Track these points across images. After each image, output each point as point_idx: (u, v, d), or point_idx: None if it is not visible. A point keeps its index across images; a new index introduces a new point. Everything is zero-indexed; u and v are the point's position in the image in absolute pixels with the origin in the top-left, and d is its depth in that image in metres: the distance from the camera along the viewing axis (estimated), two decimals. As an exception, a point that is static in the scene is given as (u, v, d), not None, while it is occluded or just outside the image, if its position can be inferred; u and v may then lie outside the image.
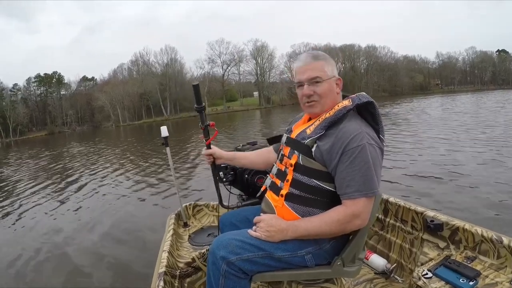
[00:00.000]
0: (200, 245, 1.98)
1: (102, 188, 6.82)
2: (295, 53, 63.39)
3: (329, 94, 1.20)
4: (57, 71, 68.95)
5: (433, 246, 1.58)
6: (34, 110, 65.76)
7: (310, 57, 1.22)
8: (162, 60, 63.30)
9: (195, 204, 2.48)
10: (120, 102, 58.67)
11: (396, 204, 1.78)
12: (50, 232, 4.40)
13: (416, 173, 5.16)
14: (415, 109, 21.39)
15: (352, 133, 1.09)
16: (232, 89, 67.08)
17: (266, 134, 12.75)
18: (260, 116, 33.36)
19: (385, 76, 65.43)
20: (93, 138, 29.17)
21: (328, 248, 1.20)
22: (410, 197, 3.94)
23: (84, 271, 3.14)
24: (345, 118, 1.15)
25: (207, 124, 1.58)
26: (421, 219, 1.65)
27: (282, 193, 1.21)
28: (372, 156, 1.09)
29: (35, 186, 7.94)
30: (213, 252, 1.17)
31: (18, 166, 13.83)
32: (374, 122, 1.18)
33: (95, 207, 5.38)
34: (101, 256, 3.43)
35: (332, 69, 1.22)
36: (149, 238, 3.62)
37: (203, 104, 1.56)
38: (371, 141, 1.11)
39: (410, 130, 10.57)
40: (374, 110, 1.17)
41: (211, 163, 1.60)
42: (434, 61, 74.27)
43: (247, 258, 1.15)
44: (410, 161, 6.10)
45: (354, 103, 1.16)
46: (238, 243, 1.16)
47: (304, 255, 1.18)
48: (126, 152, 13.63)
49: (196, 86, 1.55)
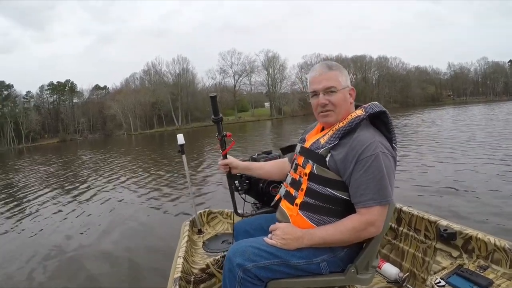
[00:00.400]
0: (214, 252, 1.99)
1: (117, 195, 6.87)
2: (306, 64, 63.50)
3: (343, 104, 1.22)
4: (70, 80, 69.96)
5: (446, 255, 1.59)
6: (47, 118, 66.56)
7: (325, 67, 1.24)
8: (174, 70, 63.79)
9: (210, 211, 2.50)
10: (132, 111, 59.14)
11: (410, 213, 1.79)
12: (64, 238, 4.43)
13: (427, 183, 5.13)
14: (426, 120, 21.24)
15: (366, 142, 1.11)
16: (244, 99, 67.16)
17: (278, 144, 12.73)
18: (272, 126, 33.29)
19: (397, 87, 65.07)
20: (105, 146, 29.42)
21: (343, 256, 1.21)
22: (422, 206, 3.86)
23: (99, 277, 3.17)
24: (358, 127, 1.17)
25: (224, 135, 1.61)
26: (434, 228, 1.65)
27: (296, 202, 1.23)
28: (385, 165, 1.11)
29: (48, 193, 8.03)
30: (230, 259, 1.19)
31: (31, 172, 13.96)
32: (387, 131, 1.19)
33: (110, 214, 5.42)
34: (117, 261, 3.47)
35: (346, 79, 1.24)
36: (164, 245, 3.63)
37: (220, 115, 1.60)
38: (384, 150, 1.13)
39: (422, 141, 10.50)
40: (386, 119, 1.19)
41: (227, 172, 1.64)
42: (446, 72, 73.93)
43: (263, 265, 1.17)
44: (422, 171, 6.07)
45: (367, 112, 1.18)
46: (255, 250, 1.19)
47: (319, 262, 1.19)
48: (139, 160, 13.76)
49: (213, 98, 1.58)
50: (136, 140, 36.70)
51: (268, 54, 63.13)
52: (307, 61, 63.84)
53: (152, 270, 3.10)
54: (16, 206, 6.90)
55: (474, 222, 3.37)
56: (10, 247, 4.37)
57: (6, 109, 63.97)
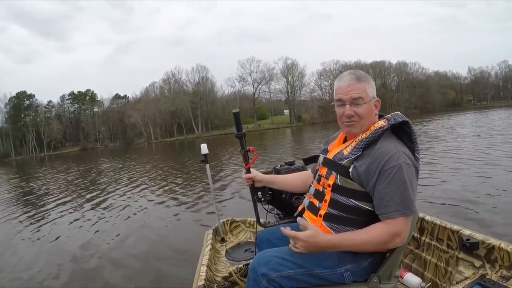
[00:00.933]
0: (237, 260, 1.99)
1: (139, 203, 6.84)
2: (325, 70, 63.49)
3: (368, 116, 1.22)
4: (90, 89, 71.02)
5: (468, 265, 1.56)
6: (68, 126, 67.65)
7: (354, 78, 1.22)
8: (194, 79, 64.24)
9: (233, 220, 2.50)
10: (152, 119, 59.68)
11: (432, 222, 1.77)
12: (84, 244, 4.45)
13: (450, 191, 4.96)
14: (445, 126, 20.74)
15: (389, 153, 1.12)
16: (263, 107, 67.29)
17: (299, 153, 12.61)
18: (291, 134, 33.06)
19: (417, 92, 64.39)
20: (126, 154, 29.63)
21: (366, 265, 1.20)
22: (444, 216, 3.76)
23: (121, 284, 3.18)
24: (381, 138, 1.17)
25: (247, 150, 1.64)
26: (456, 237, 1.63)
27: (320, 213, 1.24)
28: (408, 175, 1.11)
29: (69, 200, 8.08)
30: (254, 269, 1.20)
31: (52, 179, 14.17)
32: (409, 141, 1.19)
33: (132, 221, 5.40)
34: (139, 268, 3.49)
35: (372, 91, 1.24)
36: (187, 253, 3.66)
37: (243, 131, 1.62)
38: (407, 160, 1.13)
39: (441, 148, 10.18)
40: (409, 129, 1.19)
41: (250, 185, 1.66)
42: (466, 76, 72.89)
43: (287, 275, 1.18)
44: (444, 179, 5.86)
45: (390, 123, 1.18)
46: (279, 260, 1.20)
47: (343, 272, 1.19)
48: (160, 169, 13.73)
49: (236, 114, 1.59)
50: (156, 148, 36.97)
51: (286, 62, 63.29)
52: (325, 68, 63.95)
53: (175, 278, 3.11)
54: (37, 214, 6.95)
55: (497, 232, 3.24)
56: (31, 252, 4.43)
57: (28, 118, 65.22)
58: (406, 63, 66.80)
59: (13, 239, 5.21)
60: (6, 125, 64.29)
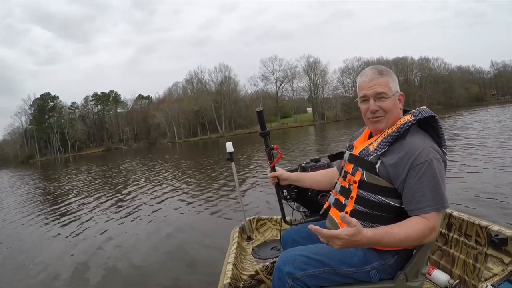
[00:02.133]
0: (264, 258, 1.98)
1: (166, 201, 6.82)
2: (347, 68, 63.14)
3: (394, 110, 1.20)
4: (114, 90, 72.10)
5: (497, 261, 1.52)
6: (92, 127, 68.61)
7: (376, 72, 1.21)
8: (217, 78, 64.64)
9: (259, 218, 2.47)
10: (176, 119, 60.12)
11: (460, 218, 1.72)
12: (110, 243, 4.47)
13: (474, 187, 4.83)
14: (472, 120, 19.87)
15: (418, 148, 1.10)
16: (286, 105, 67.31)
17: (324, 151, 12.51)
18: (315, 132, 32.62)
19: (440, 88, 63.73)
20: (150, 154, 29.87)
21: (392, 263, 1.18)
22: (470, 211, 3.63)
23: (150, 282, 3.15)
24: (408, 133, 1.15)
25: (271, 148, 1.65)
26: (485, 233, 1.58)
27: (346, 210, 1.22)
28: (439, 170, 1.09)
29: (99, 199, 8.15)
30: (279, 268, 1.20)
31: (79, 179, 14.36)
32: (437, 136, 1.17)
33: (158, 220, 5.40)
34: (165, 266, 3.49)
35: (395, 85, 1.22)
36: (213, 251, 3.63)
37: (267, 129, 1.63)
38: (437, 155, 1.11)
39: (465, 143, 9.70)
40: (436, 124, 1.17)
41: (276, 183, 1.67)
42: (489, 70, 71.83)
43: (313, 274, 1.16)
44: (472, 174, 5.70)
45: (416, 118, 1.15)
46: (304, 259, 1.18)
47: (369, 270, 1.17)
48: (186, 167, 13.69)
49: (260, 113, 1.60)
50: (180, 148, 37.14)
51: (309, 60, 63.18)
52: (348, 65, 63.59)
53: (202, 276, 3.09)
54: (67, 213, 6.96)
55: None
56: (56, 249, 4.48)
57: (52, 119, 66.29)
58: (428, 58, 66.18)
59: (42, 236, 5.29)
60: (31, 127, 65.41)
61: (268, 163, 1.69)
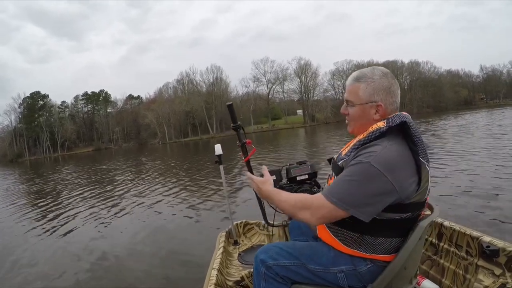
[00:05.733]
0: (250, 264, 1.92)
1: (152, 203, 6.76)
2: (338, 70, 63.39)
3: (360, 119, 1.18)
4: (104, 89, 71.75)
5: (488, 273, 1.50)
6: (81, 127, 68.13)
7: (352, 78, 1.20)
8: (208, 79, 64.52)
9: (246, 223, 2.44)
10: (166, 119, 59.92)
11: (451, 228, 1.70)
12: (93, 245, 4.38)
13: (463, 193, 4.66)
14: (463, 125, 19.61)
15: (367, 151, 1.07)
16: (277, 107, 67.41)
17: (312, 154, 12.43)
18: (305, 134, 32.68)
19: (429, 91, 64.24)
20: (140, 154, 29.56)
21: (364, 272, 1.15)
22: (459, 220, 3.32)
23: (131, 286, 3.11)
24: (377, 139, 1.10)
25: (244, 142, 1.67)
26: (476, 244, 1.56)
27: None
28: (366, 177, 1.04)
29: (82, 200, 8.03)
30: (256, 255, 1.30)
31: (69, 179, 14.24)
32: (413, 144, 1.09)
33: (142, 222, 5.31)
34: (147, 271, 3.39)
35: (372, 93, 1.15)
36: (199, 255, 3.54)
37: (239, 122, 1.64)
38: (378, 166, 1.03)
39: (454, 149, 9.52)
40: (409, 131, 1.10)
41: None
42: (478, 74, 72.64)
43: (283, 265, 1.24)
44: (456, 180, 5.48)
45: (388, 124, 1.11)
46: (277, 250, 1.28)
47: (337, 273, 1.18)
48: (174, 169, 13.57)
49: (230, 106, 1.63)
50: (171, 149, 36.81)
51: (300, 62, 63.45)
52: (338, 68, 63.92)
53: (185, 282, 3.00)
54: (50, 212, 6.96)
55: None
56: (42, 250, 4.43)
57: (42, 118, 65.63)
58: (418, 62, 66.56)
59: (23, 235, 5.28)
60: (20, 125, 64.75)
61: (243, 158, 1.69)
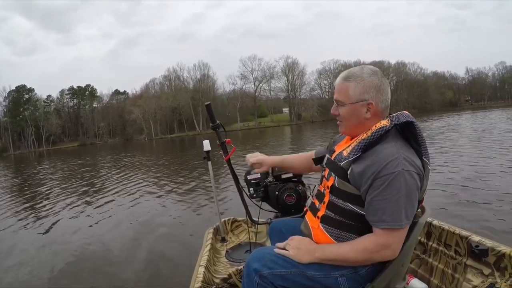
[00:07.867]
0: (237, 261, 1.94)
1: (138, 199, 6.70)
2: (325, 69, 63.75)
3: (351, 119, 1.17)
4: (90, 84, 71.09)
5: (477, 273, 1.50)
6: (67, 121, 67.50)
7: (341, 77, 1.19)
8: (195, 76, 64.38)
9: (234, 219, 2.42)
10: (153, 115, 59.65)
11: (440, 227, 1.70)
12: (80, 243, 4.29)
13: (455, 195, 4.69)
14: (448, 125, 20.17)
15: (388, 159, 1.03)
16: (263, 105, 67.47)
17: (297, 152, 12.99)
18: (291, 132, 32.80)
19: (415, 92, 64.86)
20: (127, 150, 29.36)
21: (364, 274, 1.14)
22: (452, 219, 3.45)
23: (115, 284, 3.07)
24: (384, 139, 1.09)
25: (224, 141, 1.68)
26: (465, 243, 1.56)
27: (318, 215, 1.21)
28: (408, 184, 1.02)
29: (65, 196, 7.90)
30: (248, 264, 1.20)
31: (52, 174, 14.07)
32: (416, 144, 1.10)
33: (128, 219, 5.24)
34: (134, 268, 3.35)
35: (362, 92, 1.14)
36: (185, 252, 3.52)
37: (218, 122, 1.66)
38: (409, 168, 1.02)
39: (445, 148, 9.77)
40: (414, 130, 1.10)
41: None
42: (464, 77, 73.53)
43: (279, 274, 1.15)
44: (452, 182, 5.51)
45: (393, 123, 1.09)
46: (273, 257, 1.18)
47: (338, 277, 1.14)
48: (160, 165, 13.45)
49: (208, 106, 1.65)
50: (157, 145, 36.74)
51: (287, 60, 63.67)
52: (325, 67, 64.24)
53: (172, 279, 2.98)
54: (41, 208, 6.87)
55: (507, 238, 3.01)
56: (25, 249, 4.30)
57: (27, 112, 64.84)
58: (405, 63, 67.29)
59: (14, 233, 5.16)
60: (5, 119, 63.90)
61: (223, 157, 1.68)
